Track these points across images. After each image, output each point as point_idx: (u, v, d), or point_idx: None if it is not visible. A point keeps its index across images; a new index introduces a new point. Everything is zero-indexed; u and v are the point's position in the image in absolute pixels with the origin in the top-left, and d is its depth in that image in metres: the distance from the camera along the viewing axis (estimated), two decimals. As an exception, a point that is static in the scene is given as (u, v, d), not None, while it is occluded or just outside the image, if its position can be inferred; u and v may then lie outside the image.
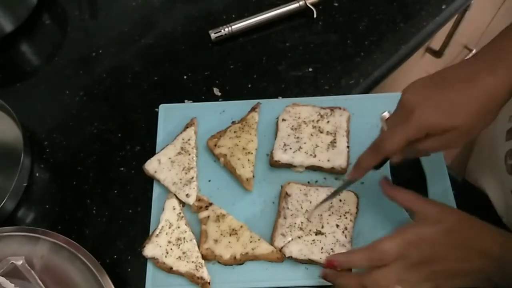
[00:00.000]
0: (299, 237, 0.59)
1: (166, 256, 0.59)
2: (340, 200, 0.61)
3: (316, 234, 0.59)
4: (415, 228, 0.50)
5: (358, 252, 0.51)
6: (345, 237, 0.59)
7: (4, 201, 0.63)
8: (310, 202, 0.61)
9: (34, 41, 0.83)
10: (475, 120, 0.47)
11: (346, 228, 0.59)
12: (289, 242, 0.59)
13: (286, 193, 0.62)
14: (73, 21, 0.85)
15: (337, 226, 0.59)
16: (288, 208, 0.61)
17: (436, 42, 1.00)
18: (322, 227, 0.59)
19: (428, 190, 0.63)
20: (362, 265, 0.50)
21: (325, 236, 0.59)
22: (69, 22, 0.85)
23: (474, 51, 1.33)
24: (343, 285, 0.53)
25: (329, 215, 0.60)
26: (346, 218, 0.60)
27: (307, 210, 0.60)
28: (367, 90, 0.73)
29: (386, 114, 0.53)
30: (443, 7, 0.79)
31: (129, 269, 0.61)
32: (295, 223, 0.60)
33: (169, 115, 0.70)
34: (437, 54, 1.03)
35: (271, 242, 0.60)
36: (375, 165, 0.53)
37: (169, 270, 0.58)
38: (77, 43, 0.82)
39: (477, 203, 0.65)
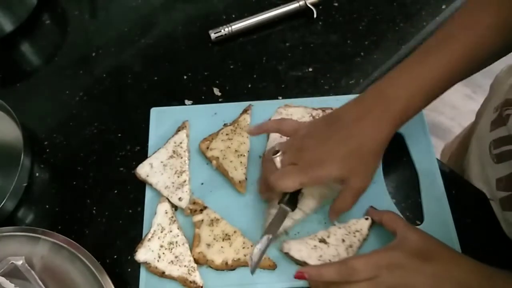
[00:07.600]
0: (302, 238, 0.58)
1: (158, 261, 0.58)
2: (355, 218, 0.60)
3: (319, 241, 0.58)
4: (392, 251, 0.49)
5: (329, 266, 0.51)
6: (347, 254, 0.57)
7: (4, 201, 0.63)
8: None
9: (34, 41, 0.83)
10: (363, 169, 0.53)
11: (351, 246, 0.57)
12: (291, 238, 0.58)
13: None
14: (73, 21, 0.85)
15: (343, 240, 0.58)
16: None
17: (436, 42, 1.00)
18: (328, 236, 0.58)
19: (421, 193, 0.63)
20: (332, 279, 0.50)
21: (328, 246, 0.57)
22: (69, 22, 0.84)
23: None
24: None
25: (339, 228, 0.59)
26: (354, 236, 0.58)
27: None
28: (367, 90, 0.73)
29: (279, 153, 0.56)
30: (443, 7, 0.79)
31: (129, 269, 0.61)
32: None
33: (160, 118, 0.70)
34: (437, 54, 1.03)
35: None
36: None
37: (162, 274, 0.58)
38: (77, 43, 0.82)
39: (472, 201, 0.65)
